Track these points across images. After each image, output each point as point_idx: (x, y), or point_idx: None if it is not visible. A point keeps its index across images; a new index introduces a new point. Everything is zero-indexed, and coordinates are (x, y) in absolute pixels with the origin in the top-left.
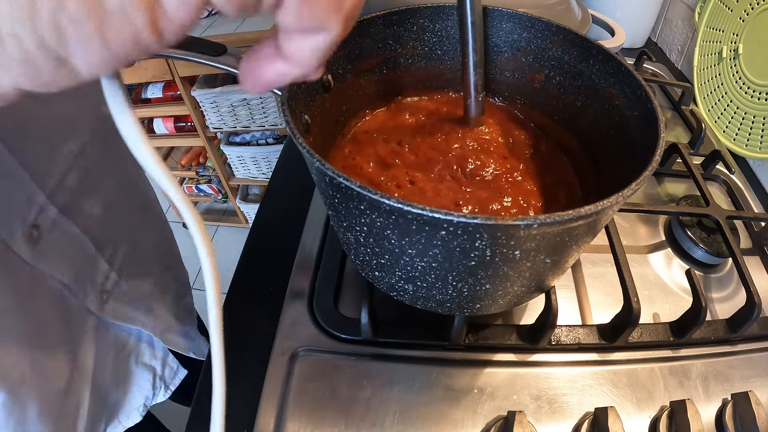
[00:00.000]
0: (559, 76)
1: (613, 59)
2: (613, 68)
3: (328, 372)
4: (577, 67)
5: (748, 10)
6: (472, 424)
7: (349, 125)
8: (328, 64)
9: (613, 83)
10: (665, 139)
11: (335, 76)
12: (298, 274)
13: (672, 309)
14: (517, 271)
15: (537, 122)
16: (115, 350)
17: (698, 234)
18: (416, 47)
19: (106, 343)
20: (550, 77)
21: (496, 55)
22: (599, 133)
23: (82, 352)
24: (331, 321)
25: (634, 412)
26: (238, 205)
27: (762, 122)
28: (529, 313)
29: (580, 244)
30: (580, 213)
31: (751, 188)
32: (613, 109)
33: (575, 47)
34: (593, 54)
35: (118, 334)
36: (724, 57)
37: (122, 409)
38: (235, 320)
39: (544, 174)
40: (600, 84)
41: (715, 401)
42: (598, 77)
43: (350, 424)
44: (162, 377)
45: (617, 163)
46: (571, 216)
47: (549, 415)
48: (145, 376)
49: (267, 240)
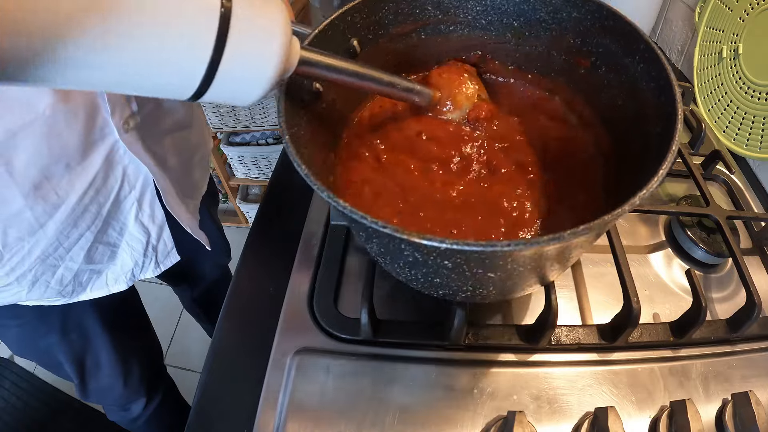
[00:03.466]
0: (605, 67)
1: (659, 61)
2: (655, 71)
3: (328, 372)
4: (623, 61)
5: (748, 10)
6: (472, 424)
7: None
8: (356, 29)
9: (653, 89)
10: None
11: (364, 42)
12: (298, 274)
13: (672, 309)
14: (517, 274)
15: (576, 110)
16: (118, 189)
17: (698, 234)
18: (458, 14)
19: (113, 176)
20: (597, 65)
21: (543, 31)
22: (629, 134)
23: (90, 172)
24: (331, 321)
25: (634, 412)
26: (238, 205)
27: (762, 122)
28: (529, 313)
29: (582, 249)
30: (560, 236)
31: (751, 188)
32: (644, 111)
33: (622, 37)
34: (640, 50)
35: (126, 173)
36: (724, 57)
37: (111, 265)
38: (236, 320)
39: (562, 162)
40: (641, 85)
41: (715, 401)
42: (640, 77)
43: (350, 424)
44: (155, 248)
45: (637, 166)
46: (549, 238)
47: (549, 415)
48: (140, 237)
49: (267, 240)
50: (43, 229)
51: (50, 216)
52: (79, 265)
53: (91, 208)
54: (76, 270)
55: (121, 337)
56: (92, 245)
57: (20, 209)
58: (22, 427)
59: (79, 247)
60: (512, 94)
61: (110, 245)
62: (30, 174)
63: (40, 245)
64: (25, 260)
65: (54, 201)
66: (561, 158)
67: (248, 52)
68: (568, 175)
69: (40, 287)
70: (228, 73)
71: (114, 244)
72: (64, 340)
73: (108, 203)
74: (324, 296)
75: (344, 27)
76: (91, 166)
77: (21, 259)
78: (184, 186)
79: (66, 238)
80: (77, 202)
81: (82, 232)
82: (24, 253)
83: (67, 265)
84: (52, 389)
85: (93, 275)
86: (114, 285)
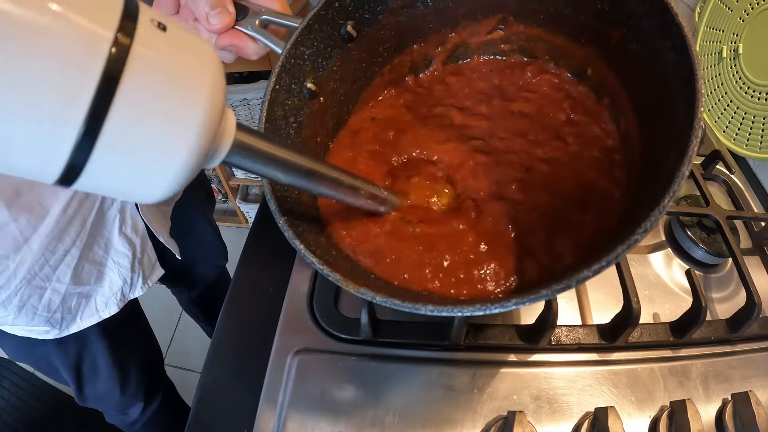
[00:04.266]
0: (636, 44)
1: (689, 56)
2: (685, 71)
3: (328, 372)
4: (656, 44)
5: (748, 10)
6: (472, 424)
7: (391, 65)
8: (347, 12)
9: (680, 86)
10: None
11: (360, 23)
12: (298, 274)
13: (672, 309)
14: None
15: (609, 89)
16: (101, 199)
17: (698, 234)
18: None
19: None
20: (628, 39)
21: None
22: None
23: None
24: (331, 321)
25: (634, 412)
26: (238, 205)
27: (762, 122)
28: (529, 313)
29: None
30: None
31: (751, 188)
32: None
33: (653, 11)
34: (672, 34)
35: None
36: (724, 57)
37: (99, 288)
38: (236, 320)
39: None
40: (670, 80)
41: (715, 401)
42: (669, 73)
43: (350, 424)
44: (141, 262)
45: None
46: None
47: (549, 415)
48: (125, 251)
49: (267, 240)
50: (28, 244)
51: (35, 229)
52: (67, 287)
53: (75, 221)
54: (64, 293)
55: (118, 342)
56: (78, 263)
57: (4, 221)
58: (22, 427)
59: (66, 265)
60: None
61: (96, 264)
62: (11, 180)
63: (25, 263)
64: (11, 281)
65: (38, 212)
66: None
67: (147, 132)
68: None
69: (27, 313)
70: (109, 163)
71: (100, 262)
72: (61, 346)
73: (92, 215)
74: (324, 296)
75: (333, 14)
76: None
77: (6, 281)
78: None
79: (52, 254)
80: (61, 212)
81: (67, 248)
82: (9, 273)
83: (54, 286)
84: (51, 389)
85: (81, 300)
86: (105, 310)
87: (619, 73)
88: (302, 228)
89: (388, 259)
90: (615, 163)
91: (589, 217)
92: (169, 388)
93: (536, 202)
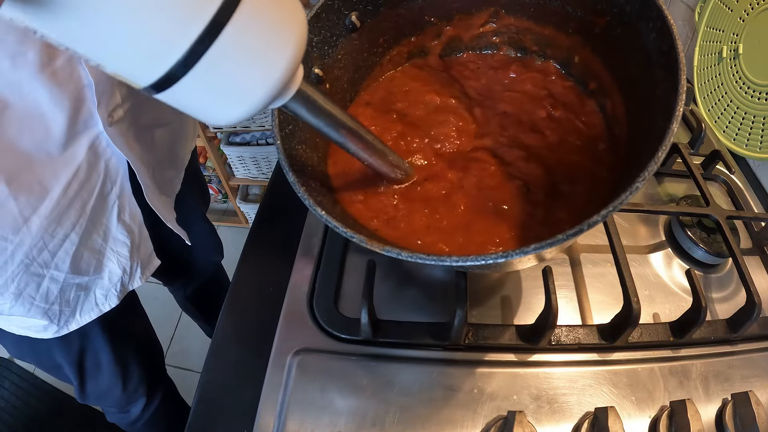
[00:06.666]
0: (620, 29)
1: (670, 37)
2: (666, 46)
3: (328, 372)
4: (638, 27)
5: (748, 10)
6: (472, 424)
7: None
8: (352, 2)
9: (662, 65)
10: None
11: (363, 14)
12: (298, 274)
13: (672, 309)
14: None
15: (593, 73)
16: (101, 184)
17: (698, 234)
18: None
19: (96, 171)
20: (612, 26)
21: None
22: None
23: (73, 164)
24: (331, 321)
25: (634, 412)
26: (238, 205)
27: (762, 122)
28: (529, 313)
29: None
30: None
31: (751, 188)
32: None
33: (639, 0)
34: (653, 17)
35: (108, 167)
36: (724, 57)
37: (98, 279)
38: (236, 320)
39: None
40: (651, 55)
41: (715, 401)
42: (651, 50)
43: (350, 424)
44: (138, 250)
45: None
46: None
47: (549, 415)
48: (124, 239)
49: (267, 240)
50: (27, 225)
51: (34, 209)
52: (65, 275)
53: (76, 203)
54: (62, 283)
55: (120, 338)
56: (77, 250)
57: (4, 199)
58: (22, 427)
59: (65, 252)
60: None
61: (95, 252)
62: (12, 156)
63: (23, 246)
64: (8, 264)
65: (38, 192)
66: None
67: (251, 47)
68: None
69: (24, 303)
70: (214, 66)
71: (99, 251)
72: (63, 341)
73: (92, 200)
74: (324, 296)
75: (339, 4)
76: (74, 158)
77: (3, 263)
78: (161, 182)
79: (51, 237)
80: (61, 194)
81: (67, 233)
82: (6, 255)
83: (52, 274)
84: (52, 389)
85: (80, 293)
86: (105, 303)
87: (604, 57)
88: (320, 198)
89: (402, 224)
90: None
91: (581, 188)
92: (170, 387)
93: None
